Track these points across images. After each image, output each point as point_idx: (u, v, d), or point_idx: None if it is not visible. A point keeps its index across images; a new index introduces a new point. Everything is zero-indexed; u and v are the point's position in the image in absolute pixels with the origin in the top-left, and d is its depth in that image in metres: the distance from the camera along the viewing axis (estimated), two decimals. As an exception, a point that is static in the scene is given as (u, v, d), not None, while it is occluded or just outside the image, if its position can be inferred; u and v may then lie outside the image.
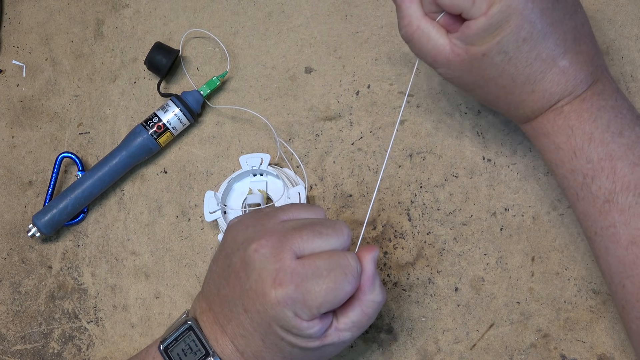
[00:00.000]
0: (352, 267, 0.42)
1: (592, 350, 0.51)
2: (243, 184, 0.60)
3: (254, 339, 0.44)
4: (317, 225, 0.44)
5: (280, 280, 0.41)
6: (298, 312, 0.41)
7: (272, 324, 0.42)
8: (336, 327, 0.43)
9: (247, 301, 0.43)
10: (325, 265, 0.42)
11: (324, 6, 0.63)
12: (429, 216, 0.56)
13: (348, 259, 0.43)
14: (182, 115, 0.60)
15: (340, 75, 0.61)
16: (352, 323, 0.44)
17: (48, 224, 0.59)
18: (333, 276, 0.42)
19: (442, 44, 0.46)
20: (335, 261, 0.42)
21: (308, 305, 0.41)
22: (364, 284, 0.43)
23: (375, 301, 0.44)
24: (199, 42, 0.65)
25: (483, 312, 0.53)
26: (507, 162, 0.56)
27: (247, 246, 0.43)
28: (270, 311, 0.42)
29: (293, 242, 0.43)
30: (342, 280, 0.42)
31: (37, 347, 0.59)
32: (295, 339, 0.43)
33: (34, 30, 0.69)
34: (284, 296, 0.41)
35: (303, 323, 0.42)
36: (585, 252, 0.53)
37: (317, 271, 0.42)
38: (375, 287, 0.44)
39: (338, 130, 0.60)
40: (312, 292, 0.41)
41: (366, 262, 0.43)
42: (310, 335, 0.42)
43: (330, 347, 0.44)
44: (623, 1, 0.58)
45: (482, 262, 0.54)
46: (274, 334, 0.43)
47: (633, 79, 0.56)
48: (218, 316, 0.46)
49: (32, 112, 0.67)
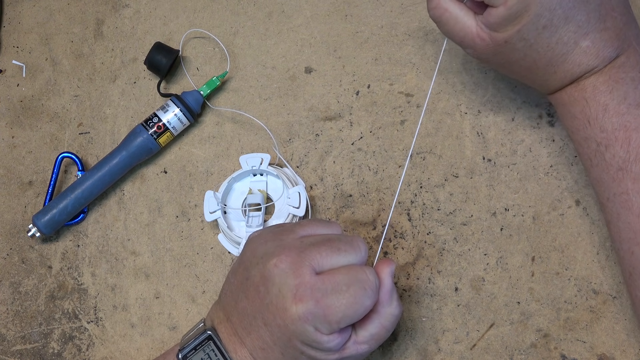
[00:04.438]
0: (370, 281, 0.43)
1: (592, 350, 0.51)
2: (243, 184, 0.60)
3: (273, 352, 0.44)
4: (334, 241, 0.45)
5: (301, 296, 0.42)
6: (318, 326, 0.42)
7: (293, 338, 0.43)
8: (355, 340, 0.44)
9: (267, 315, 0.44)
10: (345, 280, 0.43)
11: (324, 6, 0.63)
12: (429, 216, 0.56)
13: (367, 273, 0.43)
14: (182, 115, 0.60)
15: (340, 75, 0.61)
16: (370, 336, 0.44)
17: (48, 224, 0.59)
18: (352, 291, 0.42)
19: (469, 26, 0.47)
20: (354, 276, 0.43)
21: (328, 320, 0.42)
22: (383, 297, 0.44)
23: (393, 314, 0.44)
24: (199, 42, 0.65)
25: (483, 312, 0.53)
26: (507, 162, 0.56)
27: (266, 261, 0.44)
28: (291, 326, 0.42)
29: (312, 258, 0.43)
30: (361, 294, 0.42)
31: (37, 347, 0.59)
32: (315, 352, 0.43)
33: (34, 30, 0.69)
34: (305, 312, 0.42)
35: (323, 337, 0.42)
36: (586, 252, 0.53)
37: (336, 286, 0.42)
38: (393, 300, 0.44)
39: (338, 130, 0.60)
40: (332, 307, 0.42)
41: (384, 275, 0.44)
42: (329, 349, 0.43)
43: (349, 359, 0.45)
44: (623, 1, 0.58)
45: (482, 262, 0.54)
46: (294, 348, 0.43)
47: (633, 79, 0.56)
48: (237, 328, 0.46)
49: (32, 112, 0.67)
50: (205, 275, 0.58)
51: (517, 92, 0.57)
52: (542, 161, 0.55)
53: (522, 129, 0.56)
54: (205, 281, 0.58)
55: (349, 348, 0.44)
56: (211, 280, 0.58)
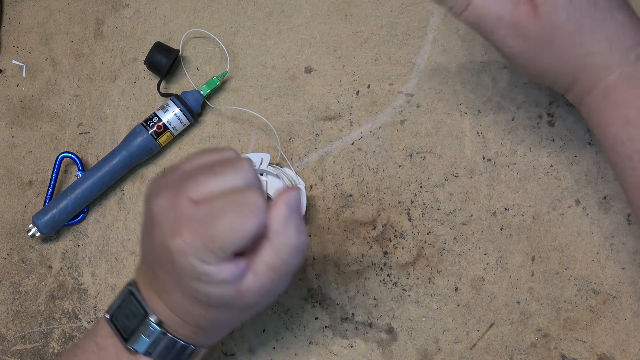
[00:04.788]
0: (250, 203, 0.40)
1: (592, 350, 0.51)
2: (243, 183, 0.60)
3: (175, 294, 0.43)
4: (214, 165, 0.42)
5: (178, 229, 0.40)
6: (203, 257, 0.39)
7: (183, 276, 0.41)
8: (253, 271, 0.41)
9: (159, 257, 0.42)
10: (222, 204, 0.40)
11: (324, 6, 0.63)
12: (429, 216, 0.56)
13: (246, 195, 0.40)
14: (182, 115, 0.60)
15: (340, 75, 0.61)
16: (266, 266, 0.41)
17: (48, 224, 0.59)
18: (230, 214, 0.39)
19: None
20: (232, 199, 0.40)
21: (210, 249, 0.39)
22: (274, 224, 0.40)
23: (288, 244, 0.40)
24: (199, 42, 0.65)
25: (483, 312, 0.53)
26: (507, 162, 0.56)
27: (150, 202, 0.42)
28: (177, 263, 0.40)
29: (189, 188, 0.41)
30: (239, 217, 0.39)
31: (37, 347, 0.59)
32: (209, 288, 0.41)
33: (34, 30, 0.69)
34: (184, 244, 0.39)
35: (211, 268, 0.40)
36: (586, 252, 0.53)
37: (213, 212, 0.39)
38: (289, 229, 0.40)
39: (338, 130, 0.60)
40: (211, 234, 0.39)
41: (279, 201, 0.40)
42: (223, 281, 0.40)
43: (252, 295, 0.41)
44: (623, 1, 0.58)
45: (482, 262, 0.54)
46: (189, 287, 0.41)
47: (633, 78, 0.56)
48: (147, 277, 0.45)
49: (32, 112, 0.67)
50: (205, 275, 0.58)
51: (517, 92, 0.57)
52: (542, 161, 0.55)
53: (522, 129, 0.56)
54: (205, 281, 0.58)
55: (247, 280, 0.41)
56: (211, 280, 0.58)
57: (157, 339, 0.45)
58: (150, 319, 0.44)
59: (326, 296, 0.56)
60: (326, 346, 0.55)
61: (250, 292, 0.41)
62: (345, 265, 0.56)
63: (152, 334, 0.44)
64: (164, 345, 0.45)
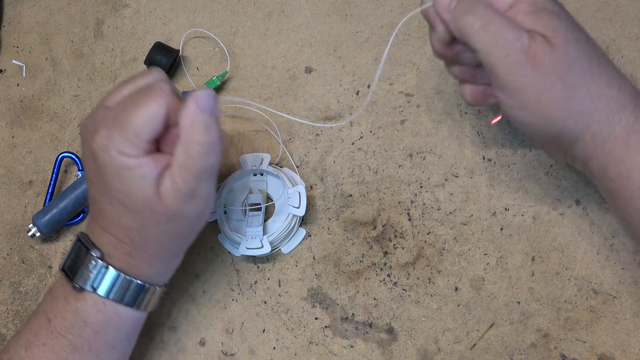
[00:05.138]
0: (156, 88, 0.43)
1: (592, 350, 0.51)
2: (243, 183, 0.60)
3: (106, 206, 0.45)
4: (128, 78, 0.46)
5: (96, 129, 0.43)
6: (121, 149, 0.42)
7: (107, 177, 0.43)
8: (170, 175, 0.43)
9: (94, 179, 0.45)
10: (130, 97, 0.43)
11: (324, 6, 0.63)
12: (429, 216, 0.56)
13: (153, 85, 0.43)
14: (182, 115, 0.60)
15: (340, 75, 0.61)
16: (179, 166, 0.42)
17: (48, 224, 0.59)
18: (137, 100, 0.42)
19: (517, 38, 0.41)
20: (140, 91, 0.43)
21: (124, 137, 0.42)
22: (183, 122, 0.42)
23: (195, 141, 0.42)
24: (199, 42, 0.65)
25: (483, 312, 0.53)
26: (507, 162, 0.56)
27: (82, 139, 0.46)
28: (99, 163, 0.43)
29: (104, 102, 0.45)
30: (144, 100, 0.42)
31: (37, 347, 0.59)
32: (131, 184, 0.43)
33: (34, 30, 0.69)
34: (101, 139, 0.42)
35: (130, 160, 0.42)
36: (586, 252, 0.53)
37: (124, 106, 0.43)
38: (196, 126, 0.42)
39: (338, 130, 0.60)
40: (123, 122, 0.42)
41: (189, 98, 0.42)
42: (142, 176, 0.42)
43: (171, 199, 0.43)
44: (623, 1, 0.58)
45: (482, 262, 0.54)
46: (114, 189, 0.43)
47: (633, 78, 0.56)
48: (94, 217, 0.47)
49: (32, 112, 0.67)
50: (205, 275, 0.58)
51: (517, 92, 0.57)
52: (542, 161, 0.55)
53: (522, 128, 0.56)
54: (205, 281, 0.58)
55: (165, 183, 0.43)
56: (211, 280, 0.58)
57: (99, 272, 0.46)
58: (92, 252, 0.46)
59: (326, 296, 0.56)
60: (326, 346, 0.55)
61: (169, 195, 0.43)
62: (345, 265, 0.56)
63: (95, 267, 0.46)
64: (109, 279, 0.47)
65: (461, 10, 0.42)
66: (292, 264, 0.57)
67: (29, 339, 0.48)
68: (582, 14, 0.58)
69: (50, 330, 0.47)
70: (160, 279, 0.50)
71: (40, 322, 0.48)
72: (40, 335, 0.48)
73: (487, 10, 0.42)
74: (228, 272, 0.58)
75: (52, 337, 0.47)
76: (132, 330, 0.50)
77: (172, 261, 0.50)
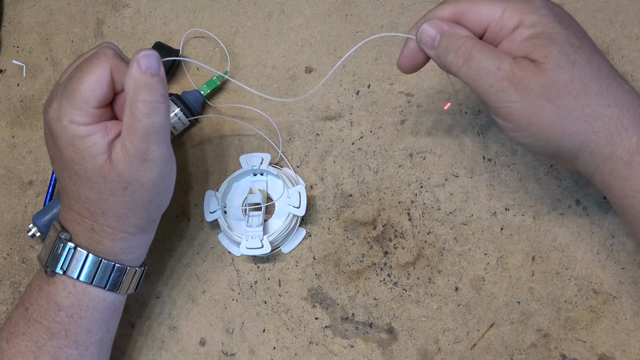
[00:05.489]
0: (98, 53, 0.44)
1: (593, 350, 0.51)
2: (243, 183, 0.60)
3: (66, 182, 0.46)
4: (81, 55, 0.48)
5: (49, 103, 0.45)
6: (72, 117, 0.43)
7: (62, 148, 0.44)
8: (121, 141, 0.44)
9: (55, 155, 0.46)
10: (76, 67, 0.45)
11: (324, 6, 0.63)
12: (430, 216, 0.56)
13: (96, 52, 0.45)
14: (183, 114, 0.60)
15: (341, 75, 0.61)
16: (126, 128, 0.43)
17: (48, 224, 0.59)
18: (81, 69, 0.44)
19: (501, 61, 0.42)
20: (83, 58, 0.45)
21: (73, 105, 0.43)
22: (127, 83, 0.43)
23: (138, 100, 0.42)
24: (199, 42, 0.65)
25: (483, 312, 0.53)
26: (507, 162, 0.56)
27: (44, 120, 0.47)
28: (55, 134, 0.44)
29: (59, 79, 0.46)
30: (88, 67, 0.44)
31: (37, 347, 0.59)
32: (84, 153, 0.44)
33: (34, 30, 0.69)
34: (53, 111, 0.44)
35: (82, 129, 0.44)
36: (586, 252, 0.53)
37: (69, 77, 0.45)
38: (139, 86, 0.42)
39: (338, 130, 0.60)
40: (71, 90, 0.43)
41: (132, 61, 0.43)
42: (94, 144, 0.44)
43: (123, 165, 0.44)
44: (623, 1, 0.58)
45: (482, 262, 0.54)
46: (69, 160, 0.45)
47: (633, 78, 0.56)
48: (63, 199, 0.49)
49: (32, 112, 0.67)
50: (205, 275, 0.58)
51: (517, 91, 0.57)
52: (542, 161, 0.55)
53: (522, 128, 0.56)
54: (205, 281, 0.58)
55: (116, 149, 0.44)
56: (211, 280, 0.58)
57: (68, 254, 0.47)
58: (60, 235, 0.47)
59: (326, 296, 0.56)
60: (326, 346, 0.55)
61: (119, 160, 0.44)
62: (346, 265, 0.56)
63: (63, 249, 0.47)
64: (78, 260, 0.47)
65: (444, 48, 0.43)
66: (292, 264, 0.57)
67: (10, 330, 0.49)
68: (582, 14, 0.58)
69: (28, 318, 0.48)
70: (130, 259, 0.50)
71: (19, 312, 0.49)
72: (19, 325, 0.48)
73: (467, 44, 0.42)
74: (228, 272, 0.58)
75: (29, 325, 0.48)
76: (108, 313, 0.50)
77: (137, 237, 0.50)
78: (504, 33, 0.43)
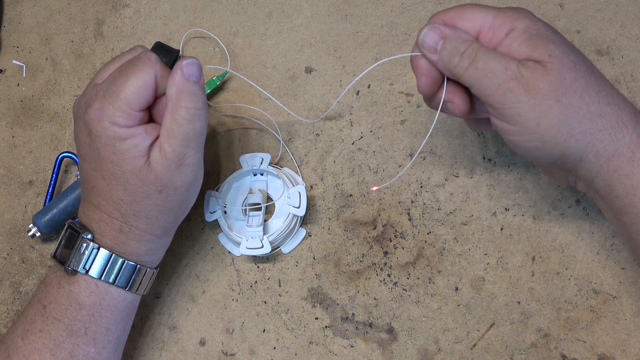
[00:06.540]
0: (142, 57, 0.45)
1: (593, 350, 0.51)
2: (243, 183, 0.60)
3: (99, 182, 0.46)
4: (114, 57, 0.49)
5: (88, 104, 0.45)
6: (113, 119, 0.44)
7: (100, 148, 0.45)
8: (159, 144, 0.45)
9: (88, 154, 0.46)
10: (118, 69, 0.45)
11: (324, 6, 0.63)
12: (430, 216, 0.56)
13: (139, 56, 0.45)
14: (182, 115, 0.60)
15: (341, 75, 0.61)
16: (166, 132, 0.44)
17: (48, 224, 0.59)
18: (125, 71, 0.44)
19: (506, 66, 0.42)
20: (127, 63, 0.45)
21: (116, 107, 0.44)
22: (170, 89, 0.44)
23: (181, 106, 0.44)
24: (199, 42, 0.65)
25: (483, 312, 0.53)
26: (507, 162, 0.56)
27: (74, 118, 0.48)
28: (94, 134, 0.45)
29: (95, 80, 0.47)
30: (132, 69, 0.44)
31: (37, 347, 0.59)
32: (123, 154, 0.44)
33: (34, 30, 0.69)
34: (94, 112, 0.44)
35: (123, 130, 0.44)
36: (586, 252, 0.53)
37: (113, 78, 0.45)
38: (182, 93, 0.44)
39: (338, 130, 0.60)
40: (113, 92, 0.44)
41: (176, 67, 0.44)
42: (134, 145, 0.44)
43: (161, 168, 0.45)
44: (623, 1, 0.58)
45: (482, 262, 0.54)
46: (107, 161, 0.45)
47: (633, 78, 0.56)
48: (87, 196, 0.48)
49: (32, 112, 0.67)
50: (205, 275, 0.58)
51: (517, 92, 0.57)
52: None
53: (522, 128, 0.56)
54: (205, 281, 0.58)
55: (154, 153, 0.45)
56: (211, 280, 0.58)
57: (91, 253, 0.47)
58: (83, 235, 0.47)
59: (326, 296, 0.56)
60: (326, 346, 0.55)
61: (158, 163, 0.45)
62: (346, 265, 0.56)
63: (87, 249, 0.47)
64: (101, 260, 0.47)
65: (448, 52, 0.43)
66: (292, 264, 0.57)
67: (25, 327, 0.49)
68: (582, 14, 0.58)
69: (46, 316, 0.48)
70: (151, 260, 0.51)
71: (35, 310, 0.49)
72: (36, 323, 0.48)
73: (473, 47, 0.42)
74: (228, 272, 0.58)
75: (47, 322, 0.48)
76: (126, 312, 0.51)
77: (161, 239, 0.50)
78: (497, 39, 0.43)
